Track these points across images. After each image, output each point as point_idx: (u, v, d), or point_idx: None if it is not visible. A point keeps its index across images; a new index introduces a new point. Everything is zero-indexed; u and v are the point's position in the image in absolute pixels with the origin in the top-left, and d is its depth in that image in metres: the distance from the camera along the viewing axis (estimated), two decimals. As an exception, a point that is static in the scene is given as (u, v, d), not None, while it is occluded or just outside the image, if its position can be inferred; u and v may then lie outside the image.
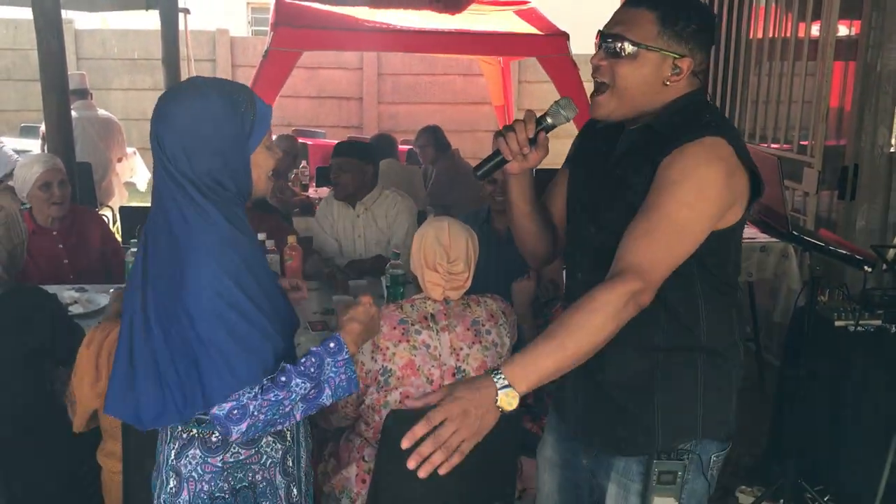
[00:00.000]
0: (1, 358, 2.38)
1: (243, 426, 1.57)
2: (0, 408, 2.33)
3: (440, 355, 2.33)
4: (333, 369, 1.65)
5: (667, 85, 1.68)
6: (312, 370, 1.63)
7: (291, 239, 3.49)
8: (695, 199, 1.59)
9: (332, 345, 1.67)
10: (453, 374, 2.33)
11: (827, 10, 4.37)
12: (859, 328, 3.11)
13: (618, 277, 1.57)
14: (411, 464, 1.49)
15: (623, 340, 1.66)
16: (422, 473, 1.48)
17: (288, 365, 1.62)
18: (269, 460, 1.74)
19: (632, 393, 1.76)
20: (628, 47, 1.65)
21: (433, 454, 1.49)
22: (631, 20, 1.67)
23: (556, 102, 1.76)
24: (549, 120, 1.76)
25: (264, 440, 1.72)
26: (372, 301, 1.77)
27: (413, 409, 2.28)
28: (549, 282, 3.15)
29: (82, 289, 3.36)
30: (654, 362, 1.73)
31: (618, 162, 1.76)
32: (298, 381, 1.61)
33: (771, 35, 5.06)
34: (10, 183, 3.75)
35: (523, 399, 2.41)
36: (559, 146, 2.17)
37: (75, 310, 3.15)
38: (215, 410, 1.56)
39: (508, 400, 1.51)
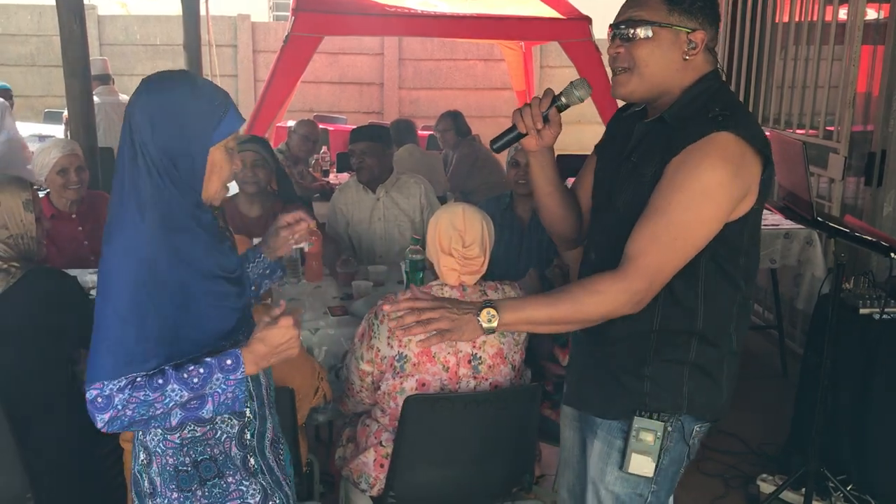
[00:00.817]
0: (22, 339, 2.39)
1: (106, 416, 1.57)
2: (22, 388, 2.35)
3: (456, 342, 2.31)
4: (222, 386, 1.63)
5: (686, 59, 1.73)
6: (195, 381, 1.60)
7: (312, 225, 3.48)
8: (699, 203, 1.65)
9: (228, 361, 1.63)
10: (469, 361, 2.33)
11: (855, -8, 4.29)
12: (885, 316, 3.06)
13: (627, 273, 1.67)
14: (392, 324, 1.71)
15: (627, 318, 1.76)
16: (398, 330, 1.69)
17: (169, 369, 1.60)
18: (224, 435, 1.75)
19: (625, 365, 1.83)
20: (642, 30, 1.72)
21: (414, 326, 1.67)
22: (640, 3, 1.74)
23: (571, 83, 1.82)
24: (563, 99, 1.83)
25: (219, 417, 1.72)
26: (292, 324, 1.68)
27: (429, 395, 2.29)
28: (557, 270, 3.13)
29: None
30: (648, 340, 1.80)
31: (633, 150, 1.83)
32: (176, 387, 1.59)
33: (797, 19, 4.97)
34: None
35: (542, 386, 2.42)
36: (588, 132, 2.17)
37: (95, 293, 3.17)
38: (87, 393, 1.58)
39: (488, 317, 1.66)
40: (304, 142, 5.92)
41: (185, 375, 1.60)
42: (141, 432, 1.74)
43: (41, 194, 3.70)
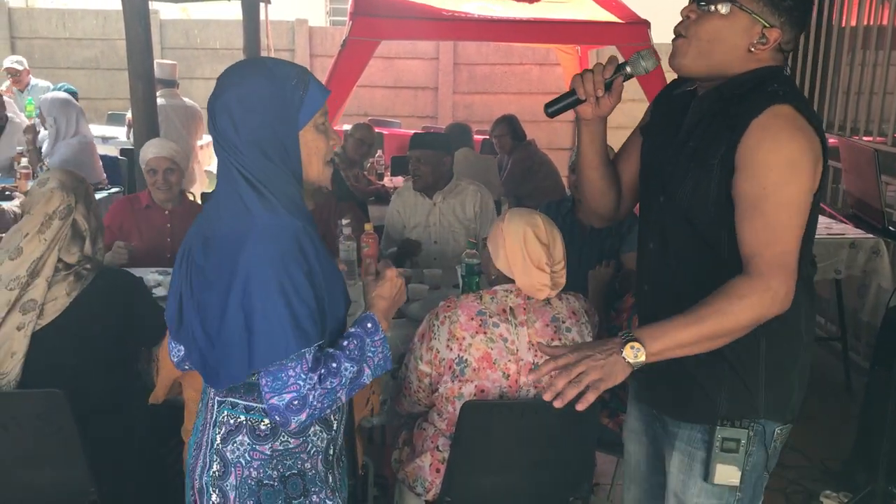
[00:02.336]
0: (90, 339, 2.44)
1: (303, 416, 1.56)
2: (88, 386, 2.39)
3: (517, 350, 2.29)
4: (371, 349, 1.67)
5: (751, 51, 1.67)
6: (357, 352, 1.64)
7: (368, 226, 3.50)
8: (792, 175, 1.59)
9: (368, 325, 1.68)
10: (530, 371, 2.30)
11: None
12: (958, 330, 2.96)
13: (760, 271, 1.59)
14: (547, 396, 1.61)
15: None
16: (557, 404, 1.60)
17: (334, 350, 1.62)
18: (314, 449, 1.72)
19: (700, 365, 1.76)
20: (722, 6, 1.64)
21: (566, 390, 1.59)
22: None
23: (638, 52, 1.76)
24: (629, 68, 1.77)
25: (311, 429, 1.71)
26: (397, 273, 1.77)
27: (487, 401, 2.27)
28: (627, 273, 3.09)
29: (165, 272, 3.45)
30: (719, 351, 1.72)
31: (690, 132, 1.76)
32: (347, 364, 1.62)
33: (866, 23, 4.84)
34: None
35: (600, 395, 2.38)
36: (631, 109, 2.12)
37: (159, 292, 3.23)
38: (275, 401, 1.54)
39: (634, 352, 1.57)
40: (359, 145, 5.96)
41: (347, 351, 1.63)
42: (219, 441, 1.68)
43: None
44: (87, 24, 11.21)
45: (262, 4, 7.29)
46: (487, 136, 7.08)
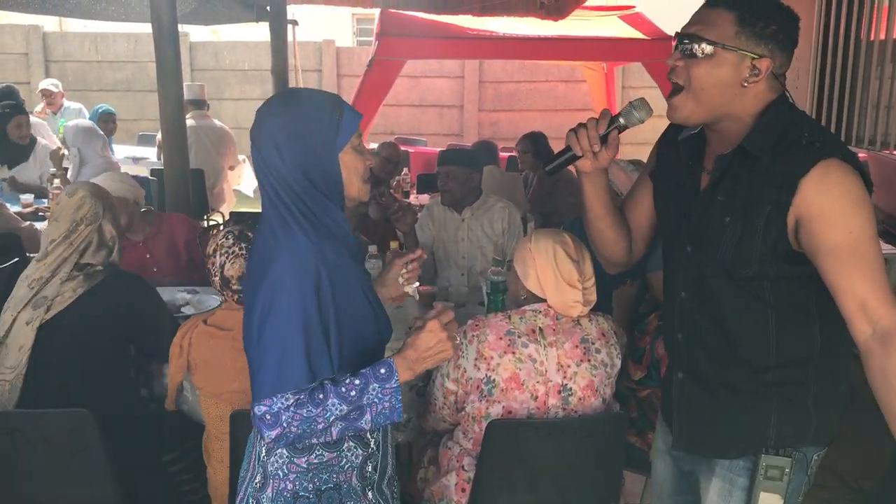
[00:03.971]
0: (87, 336, 2.47)
1: (273, 433, 1.60)
2: (86, 385, 2.42)
3: (546, 371, 2.28)
4: (378, 395, 1.64)
5: (745, 87, 1.65)
6: (353, 393, 1.62)
7: (394, 244, 3.52)
8: (866, 212, 1.59)
9: (382, 370, 1.65)
10: (559, 392, 2.28)
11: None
12: None
13: (881, 325, 1.57)
14: None
15: (736, 361, 1.74)
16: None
17: (328, 384, 1.62)
18: (348, 464, 1.74)
19: (745, 405, 1.76)
20: (705, 47, 1.63)
21: None
22: (709, 20, 1.66)
23: (630, 103, 1.76)
24: (622, 120, 1.76)
25: (345, 444, 1.73)
26: (439, 327, 1.68)
27: (513, 420, 2.26)
28: (651, 295, 3.07)
29: (194, 291, 3.48)
30: (766, 378, 1.74)
31: (716, 185, 1.72)
32: (335, 401, 1.61)
33: (895, 36, 4.79)
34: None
35: (627, 413, 2.36)
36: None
37: (187, 311, 3.26)
38: (255, 409, 1.60)
39: None
40: (386, 163, 5.99)
41: (343, 389, 1.62)
42: (264, 454, 1.73)
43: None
44: (118, 47, 11.43)
45: (289, 26, 7.38)
46: (513, 154, 7.09)
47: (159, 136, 5.66)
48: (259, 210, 1.76)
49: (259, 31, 8.40)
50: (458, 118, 11.54)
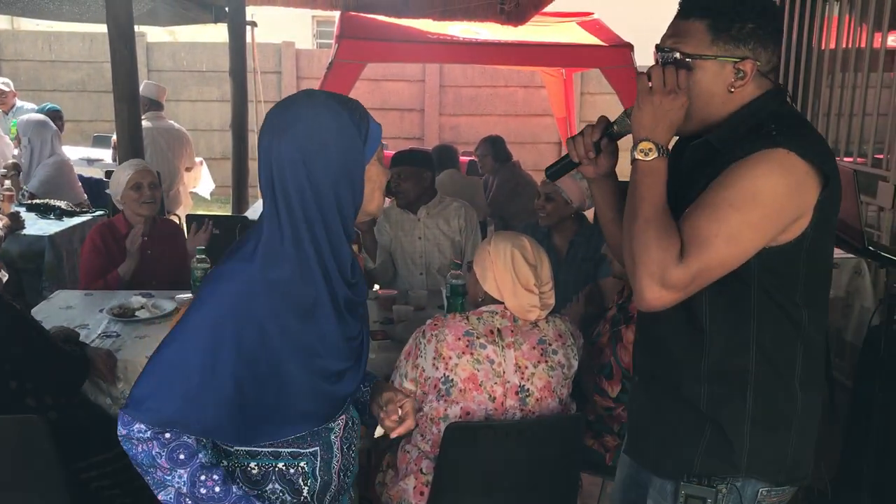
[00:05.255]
0: None
1: (124, 431, 1.49)
2: None
3: (504, 372, 2.29)
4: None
5: (732, 91, 1.60)
6: (211, 488, 1.50)
7: (354, 248, 3.50)
8: (747, 205, 1.49)
9: None
10: (516, 393, 2.30)
11: (905, 19, 4.22)
12: (939, 349, 2.97)
13: (679, 263, 1.50)
14: None
15: (673, 363, 1.70)
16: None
17: (218, 473, 1.51)
18: None
19: (682, 415, 1.70)
20: (682, 60, 1.59)
21: None
22: (683, 32, 1.61)
23: (624, 111, 1.73)
24: (615, 128, 1.76)
25: (270, 486, 1.60)
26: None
27: (471, 423, 2.26)
28: (592, 303, 3.11)
29: (149, 294, 3.43)
30: (700, 387, 1.66)
31: (680, 179, 1.69)
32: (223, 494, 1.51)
33: (844, 45, 4.90)
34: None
35: (585, 416, 2.37)
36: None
37: (142, 314, 3.22)
38: (122, 409, 1.50)
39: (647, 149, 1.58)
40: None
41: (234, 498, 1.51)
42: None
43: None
44: (73, 46, 11.22)
45: (248, 27, 7.32)
46: (474, 158, 7.12)
47: (115, 137, 5.59)
48: (217, 213, 1.70)
49: (217, 33, 8.30)
50: (418, 122, 11.54)
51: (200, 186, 7.79)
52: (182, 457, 1.49)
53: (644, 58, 7.78)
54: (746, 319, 1.60)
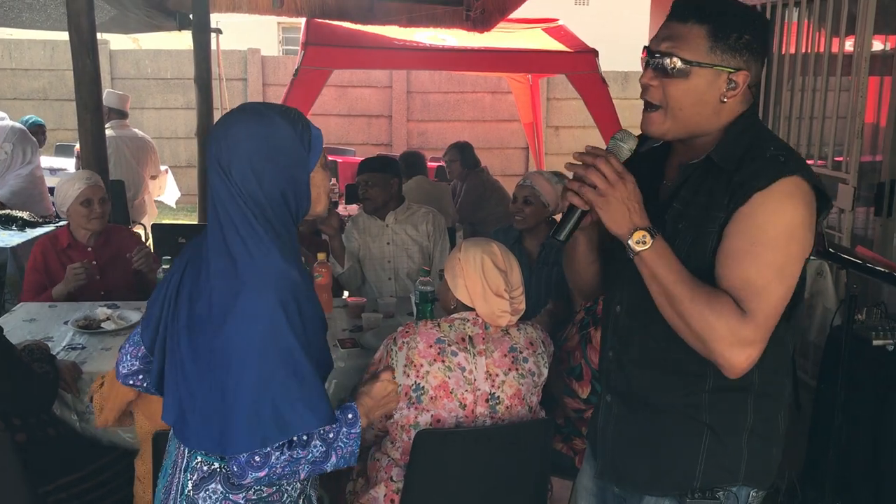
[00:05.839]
0: None
1: (261, 474, 1.56)
2: None
3: (475, 380, 2.30)
4: (344, 439, 1.67)
5: (724, 101, 1.59)
6: (331, 435, 1.64)
7: (321, 256, 3.50)
8: (787, 242, 1.51)
9: (349, 416, 1.69)
10: (486, 401, 2.30)
11: (861, 26, 4.31)
12: (898, 348, 3.03)
13: (746, 318, 1.49)
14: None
15: (670, 386, 1.66)
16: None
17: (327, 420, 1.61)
18: (288, 498, 1.72)
19: (681, 431, 1.68)
20: (679, 65, 1.56)
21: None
22: (680, 36, 1.57)
23: (613, 137, 1.65)
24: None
25: (286, 480, 1.68)
26: (391, 377, 1.83)
27: (441, 430, 2.27)
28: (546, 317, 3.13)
29: (115, 305, 3.39)
30: (701, 401, 1.65)
31: (674, 194, 1.66)
32: (318, 442, 1.62)
33: (804, 50, 5.00)
34: None
35: (554, 420, 2.38)
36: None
37: (108, 326, 3.18)
38: (237, 456, 1.56)
39: (641, 239, 1.53)
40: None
41: (323, 430, 1.62)
42: (191, 488, 1.66)
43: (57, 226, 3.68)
44: (34, 54, 11.06)
45: (213, 34, 7.27)
46: (442, 163, 7.14)
47: (78, 146, 5.52)
48: (184, 222, 1.73)
49: (182, 40, 8.24)
50: (386, 128, 11.54)
51: (166, 195, 7.72)
52: (305, 437, 1.60)
53: (608, 63, 7.85)
54: None
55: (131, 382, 1.87)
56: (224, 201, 1.59)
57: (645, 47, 1.63)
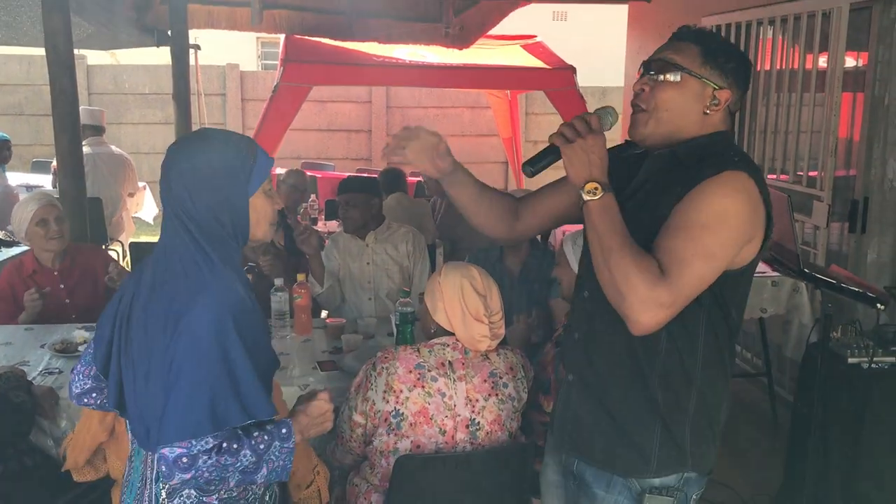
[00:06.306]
0: None
1: (187, 476, 1.60)
2: None
3: (455, 405, 2.30)
4: (276, 453, 1.70)
5: (706, 114, 1.75)
6: (262, 446, 1.67)
7: (300, 277, 3.49)
8: (717, 225, 1.62)
9: (283, 430, 1.72)
10: (467, 427, 2.30)
11: (834, 43, 4.38)
12: (874, 365, 3.07)
13: (664, 281, 1.59)
14: None
15: (625, 364, 1.77)
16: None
17: (241, 433, 1.65)
18: (253, 496, 1.79)
19: (631, 416, 1.79)
20: (672, 75, 1.74)
21: None
22: (677, 49, 1.77)
23: (598, 109, 1.78)
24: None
25: None
26: (329, 398, 1.84)
27: (421, 455, 2.26)
28: (523, 325, 3.14)
29: (92, 328, 3.36)
30: (652, 389, 1.76)
31: (640, 187, 1.81)
32: (248, 452, 1.65)
33: (778, 66, 5.07)
34: None
35: (535, 442, 2.38)
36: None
37: (84, 349, 3.14)
38: (166, 451, 1.59)
39: (593, 192, 1.66)
40: (292, 192, 5.94)
41: (254, 441, 1.66)
42: (164, 497, 1.72)
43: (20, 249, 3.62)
44: (10, 69, 10.98)
45: (192, 50, 7.25)
46: (421, 178, 7.15)
47: (55, 162, 5.49)
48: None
49: (160, 55, 8.20)
50: (366, 142, 11.55)
51: (144, 211, 7.67)
52: (236, 444, 1.63)
53: (586, 79, 7.88)
54: (697, 329, 1.74)
55: (85, 401, 1.93)
56: (169, 217, 1.70)
57: (643, 63, 1.80)
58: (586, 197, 1.67)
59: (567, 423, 1.93)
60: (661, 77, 1.75)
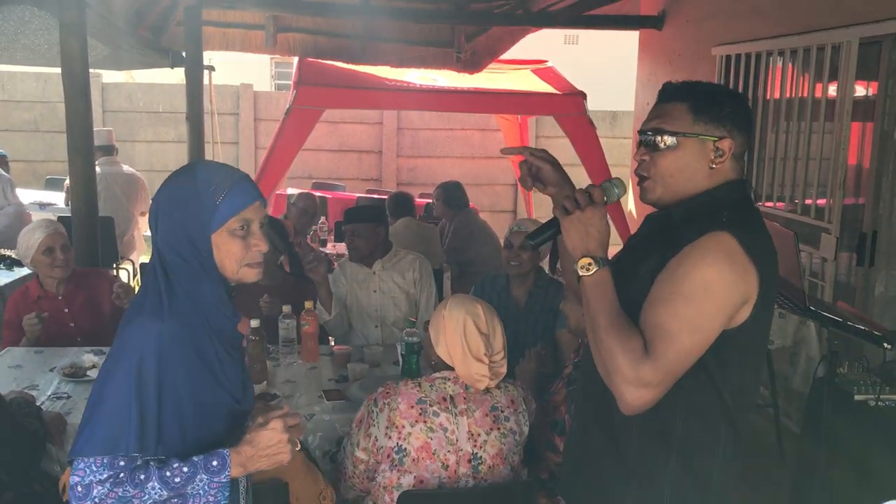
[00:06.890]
0: None
1: None
2: None
3: (457, 440, 2.30)
4: (205, 487, 1.61)
5: (713, 168, 1.72)
6: (178, 480, 1.58)
7: (308, 304, 3.51)
8: (701, 297, 1.58)
9: (214, 462, 1.61)
10: (469, 461, 2.31)
11: (843, 76, 4.39)
12: (880, 403, 3.06)
13: (648, 360, 1.57)
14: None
15: (612, 416, 1.70)
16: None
17: (153, 466, 1.58)
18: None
19: (612, 466, 1.76)
20: (667, 139, 1.72)
21: None
22: (666, 113, 1.74)
23: (610, 182, 1.77)
24: (605, 198, 1.76)
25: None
26: (282, 427, 1.66)
27: (425, 491, 2.27)
28: (546, 357, 3.13)
29: (100, 351, 3.39)
30: (630, 443, 1.73)
31: (635, 246, 1.82)
32: (156, 485, 1.57)
33: (788, 95, 5.08)
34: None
35: (538, 476, 2.38)
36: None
37: (94, 374, 3.17)
38: (70, 476, 1.58)
39: (587, 266, 1.67)
40: (302, 215, 5.99)
41: (168, 473, 1.58)
42: None
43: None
44: (26, 86, 11.10)
45: (206, 71, 7.32)
46: (431, 200, 7.18)
47: (68, 180, 5.55)
48: None
49: (174, 74, 8.30)
50: (376, 164, 11.60)
51: (154, 230, 7.71)
52: (142, 475, 1.57)
53: (597, 103, 7.88)
54: (673, 393, 1.63)
55: None
56: (154, 243, 1.71)
57: (638, 131, 1.80)
58: (580, 272, 1.67)
59: (567, 466, 1.96)
60: (657, 144, 1.73)
